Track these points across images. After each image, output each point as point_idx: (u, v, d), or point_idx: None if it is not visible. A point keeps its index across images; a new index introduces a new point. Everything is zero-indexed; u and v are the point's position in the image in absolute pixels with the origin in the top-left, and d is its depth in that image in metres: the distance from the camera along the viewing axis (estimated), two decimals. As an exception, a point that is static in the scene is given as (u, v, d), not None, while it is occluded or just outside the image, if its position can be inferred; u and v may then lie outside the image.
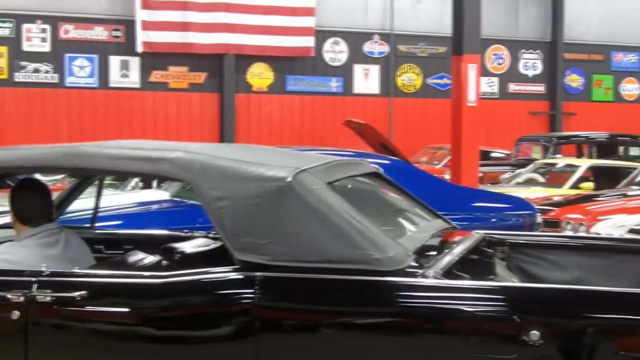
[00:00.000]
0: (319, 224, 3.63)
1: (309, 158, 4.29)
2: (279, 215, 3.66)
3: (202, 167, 3.81)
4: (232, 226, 3.70)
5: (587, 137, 19.49)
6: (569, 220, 10.73)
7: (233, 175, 3.76)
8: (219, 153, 3.96)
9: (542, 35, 25.70)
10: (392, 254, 3.60)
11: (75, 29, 20.95)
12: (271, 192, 3.68)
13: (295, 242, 3.65)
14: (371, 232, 3.65)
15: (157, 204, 9.24)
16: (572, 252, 4.94)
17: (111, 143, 4.21)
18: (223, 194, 3.72)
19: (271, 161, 3.92)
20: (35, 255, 4.17)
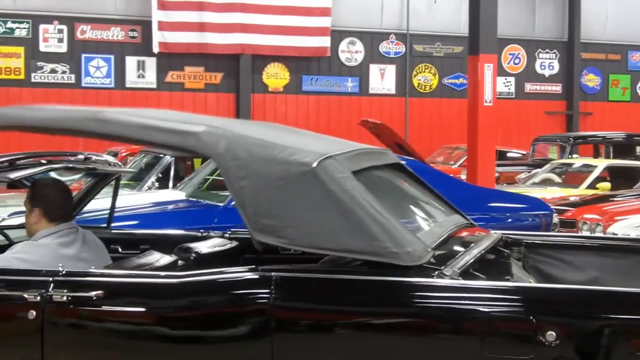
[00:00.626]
0: (339, 212, 3.61)
1: (336, 144, 4.25)
2: (301, 200, 3.64)
3: (228, 144, 3.77)
4: (254, 206, 3.68)
5: (604, 137, 19.40)
6: (585, 220, 10.69)
7: (259, 155, 3.72)
8: (246, 131, 3.91)
9: (559, 34, 25.61)
10: (411, 249, 3.58)
11: (92, 30, 21.03)
12: (295, 176, 3.66)
13: (314, 229, 3.63)
14: (391, 226, 3.63)
15: (173, 204, 9.26)
16: (589, 252, 4.92)
17: (138, 111, 4.17)
18: (247, 173, 3.69)
19: (298, 144, 3.88)
20: (51, 255, 4.19)
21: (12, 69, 20.40)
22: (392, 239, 3.57)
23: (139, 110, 4.22)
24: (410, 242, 3.62)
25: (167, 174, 12.02)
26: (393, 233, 3.59)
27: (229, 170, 3.75)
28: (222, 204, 8.95)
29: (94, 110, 4.13)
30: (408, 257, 3.56)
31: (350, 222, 3.59)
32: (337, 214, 3.61)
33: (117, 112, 4.06)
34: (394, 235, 3.59)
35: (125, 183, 11.49)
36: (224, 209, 8.85)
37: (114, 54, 21.22)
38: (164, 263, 4.43)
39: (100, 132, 3.96)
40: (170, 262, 4.48)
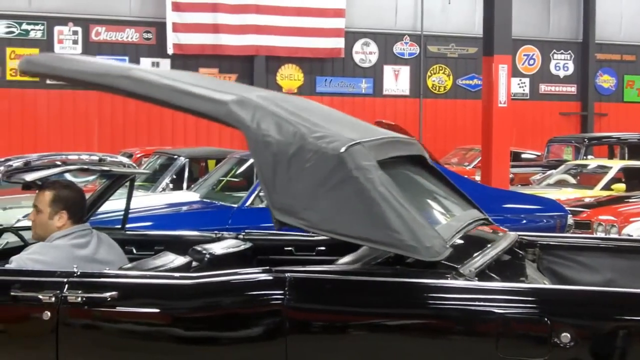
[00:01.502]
0: (361, 201, 3.60)
1: (365, 130, 4.24)
2: (325, 184, 3.63)
3: (259, 118, 3.76)
4: (277, 184, 3.67)
5: (618, 138, 19.31)
6: (600, 221, 10.65)
7: (288, 133, 3.71)
8: (279, 106, 3.88)
9: (574, 35, 25.53)
10: (430, 244, 3.58)
11: (107, 31, 21.11)
12: (321, 159, 3.64)
13: (334, 214, 3.62)
14: (412, 219, 3.62)
15: (188, 205, 9.29)
16: (604, 253, 4.90)
17: (171, 74, 4.14)
18: (273, 150, 3.68)
19: (329, 127, 3.85)
20: (66, 257, 4.21)
21: (28, 71, 20.49)
22: (411, 232, 3.57)
23: (173, 73, 4.20)
24: (429, 237, 3.61)
25: (182, 176, 12.06)
26: (412, 227, 3.58)
27: (256, 144, 3.73)
28: (236, 205, 8.96)
29: (127, 67, 4.11)
30: (426, 252, 3.56)
31: (371, 212, 3.58)
32: (359, 202, 3.60)
33: (149, 72, 4.05)
34: (413, 229, 3.58)
35: (140, 184, 11.52)
36: (238, 210, 8.87)
37: (128, 56, 21.28)
38: (178, 264, 4.44)
39: (132, 91, 3.95)
40: (184, 263, 4.49)
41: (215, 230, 5.81)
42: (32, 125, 20.31)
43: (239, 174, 10.66)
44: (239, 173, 10.62)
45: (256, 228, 6.96)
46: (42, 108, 20.51)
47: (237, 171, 10.57)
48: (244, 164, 10.46)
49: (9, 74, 20.34)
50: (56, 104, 20.61)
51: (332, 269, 3.87)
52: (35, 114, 20.45)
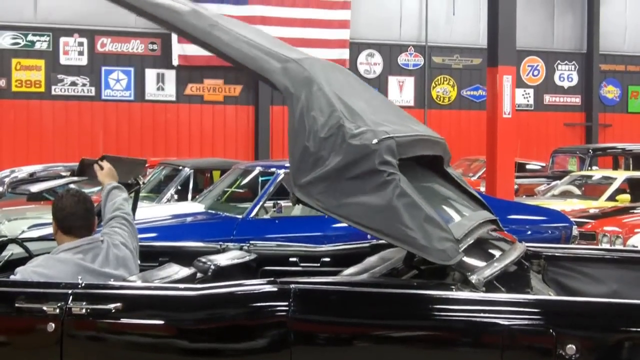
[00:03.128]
0: (381, 193, 3.63)
1: (403, 121, 4.27)
2: (349, 172, 3.66)
3: (307, 93, 3.79)
4: (303, 161, 3.70)
5: (623, 149, 19.29)
6: (605, 232, 10.64)
7: (330, 116, 3.74)
8: (328, 84, 3.90)
9: (578, 46, 25.54)
10: (442, 247, 3.60)
11: (112, 43, 21.16)
12: (352, 147, 3.67)
13: (352, 201, 3.65)
14: (428, 219, 3.65)
15: (192, 216, 9.29)
16: (609, 265, 4.90)
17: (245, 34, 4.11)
18: (310, 125, 3.72)
19: (368, 116, 3.88)
20: (71, 271, 4.17)
21: (33, 82, 20.54)
22: (424, 232, 3.60)
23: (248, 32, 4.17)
24: (442, 240, 3.63)
25: (186, 186, 12.07)
26: (426, 227, 3.61)
27: (294, 117, 3.77)
28: (241, 216, 8.97)
29: (200, 12, 4.08)
30: (438, 255, 3.59)
31: (388, 205, 3.62)
32: (379, 195, 3.63)
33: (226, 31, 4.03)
34: (427, 229, 3.61)
35: (145, 195, 11.54)
36: (242, 222, 8.88)
37: (133, 67, 21.33)
38: (182, 275, 4.44)
39: (196, 37, 4.01)
40: (189, 275, 4.49)
41: (219, 241, 5.81)
42: (38, 136, 20.35)
43: (243, 185, 10.66)
44: (243, 184, 10.63)
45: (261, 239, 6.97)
46: (48, 119, 20.56)
47: (242, 182, 10.58)
48: (249, 175, 10.46)
49: (14, 85, 20.40)
50: (61, 115, 20.66)
51: (336, 281, 3.87)
52: (41, 125, 20.49)
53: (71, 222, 4.38)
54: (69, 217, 4.37)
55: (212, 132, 21.95)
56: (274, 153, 21.90)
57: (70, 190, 4.47)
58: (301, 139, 3.71)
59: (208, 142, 21.76)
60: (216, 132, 22.00)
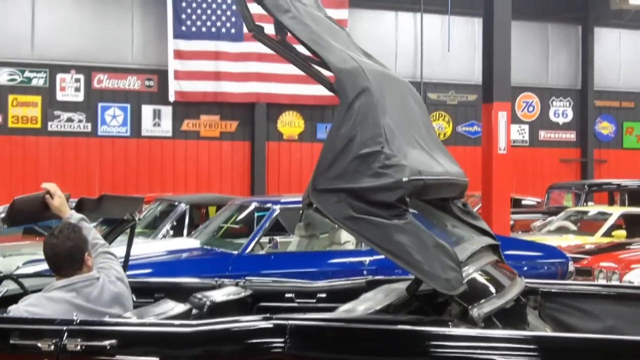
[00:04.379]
0: (398, 221, 3.67)
1: (439, 158, 4.31)
2: (372, 195, 3.68)
3: (360, 105, 3.81)
4: (330, 169, 3.73)
5: (618, 185, 19.34)
6: (601, 268, 10.63)
7: (373, 135, 3.76)
8: (388, 104, 3.94)
9: (573, 82, 25.67)
10: (448, 277, 3.63)
11: (109, 79, 21.23)
12: (384, 176, 3.70)
13: (366, 219, 3.67)
14: (439, 247, 3.68)
15: (188, 252, 9.28)
16: (606, 301, 4.89)
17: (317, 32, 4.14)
18: (351, 137, 3.74)
19: (410, 148, 3.94)
20: (63, 310, 4.13)
21: (29, 118, 20.58)
22: (432, 259, 3.63)
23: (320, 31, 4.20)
24: (448, 269, 3.65)
25: (182, 222, 12.06)
26: (435, 254, 3.65)
27: (340, 120, 3.82)
28: (237, 252, 8.95)
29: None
30: (443, 284, 3.61)
31: (400, 229, 3.65)
32: (393, 219, 3.67)
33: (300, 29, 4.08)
34: (435, 256, 3.65)
35: (141, 231, 11.52)
36: (238, 257, 8.86)
37: (130, 103, 21.38)
38: (178, 312, 4.42)
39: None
40: (184, 311, 4.47)
41: (215, 277, 5.79)
42: (33, 171, 20.34)
43: (239, 221, 10.65)
44: (239, 220, 10.62)
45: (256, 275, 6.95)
46: (44, 155, 20.57)
47: (238, 218, 10.57)
48: (245, 211, 10.46)
49: (10, 121, 20.43)
50: (58, 151, 20.68)
51: (333, 317, 3.86)
52: (37, 161, 20.50)
53: (58, 262, 4.33)
54: (55, 257, 4.33)
55: (208, 167, 21.97)
56: (269, 189, 21.91)
57: (62, 227, 4.41)
58: (337, 146, 3.75)
59: (204, 178, 21.77)
60: (212, 168, 22.02)
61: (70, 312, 4.10)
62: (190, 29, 21.19)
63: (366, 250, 9.28)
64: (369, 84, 3.87)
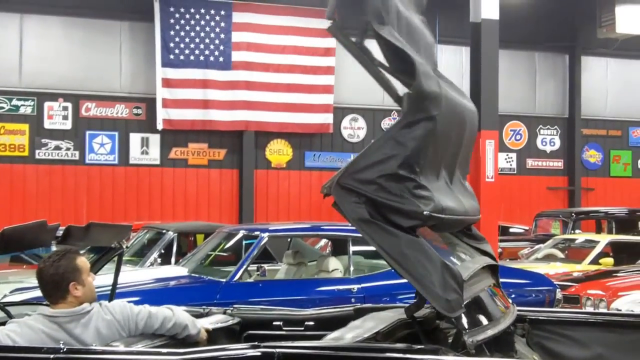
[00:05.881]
0: (410, 239, 3.70)
1: (463, 200, 4.35)
2: (390, 214, 3.70)
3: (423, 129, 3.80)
4: (364, 170, 3.74)
5: (606, 213, 19.41)
6: (589, 296, 10.64)
7: (414, 160, 3.76)
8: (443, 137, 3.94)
9: (560, 111, 25.81)
10: (450, 298, 3.64)
11: (97, 107, 21.23)
12: (408, 202, 3.72)
13: (380, 227, 3.69)
14: (446, 267, 3.68)
15: (175, 280, 9.25)
16: (593, 328, 4.89)
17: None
18: (396, 153, 3.74)
19: (442, 184, 3.99)
20: (37, 340, 4.12)
21: (17, 146, 20.54)
22: (438, 277, 3.64)
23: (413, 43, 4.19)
24: (451, 290, 3.66)
25: (170, 250, 12.02)
26: (441, 273, 3.66)
27: (390, 140, 3.80)
28: (225, 280, 8.93)
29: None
30: (444, 305, 3.63)
31: (412, 244, 3.68)
32: (406, 235, 3.68)
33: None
34: (441, 275, 3.66)
35: (128, 259, 11.48)
36: (226, 285, 8.84)
37: (118, 131, 21.38)
38: (166, 340, 4.40)
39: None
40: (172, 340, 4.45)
41: (203, 305, 5.78)
42: (21, 200, 20.28)
43: (227, 249, 10.64)
44: (227, 247, 10.60)
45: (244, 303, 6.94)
46: (31, 183, 20.51)
47: (226, 246, 10.56)
48: (233, 239, 10.44)
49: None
50: (45, 179, 20.62)
51: (321, 345, 3.85)
52: (24, 189, 20.43)
53: (43, 288, 4.33)
54: (40, 283, 4.33)
55: (196, 195, 21.95)
56: (258, 216, 21.89)
57: (52, 253, 4.41)
58: (375, 157, 3.76)
59: (192, 206, 21.74)
60: (200, 196, 21.99)
61: (45, 344, 4.06)
62: (179, 57, 21.25)
63: (354, 278, 9.27)
64: (439, 112, 3.87)
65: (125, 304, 4.55)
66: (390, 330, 4.10)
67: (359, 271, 9.50)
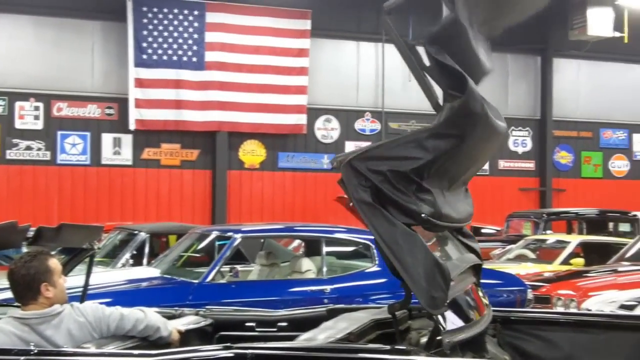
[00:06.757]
0: (408, 231, 3.71)
1: (464, 210, 4.37)
2: (391, 209, 3.73)
3: (447, 142, 3.84)
4: (373, 161, 3.75)
5: (577, 214, 19.56)
6: (560, 296, 10.71)
7: (431, 166, 3.80)
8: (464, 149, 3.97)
9: (532, 112, 25.97)
10: (436, 295, 3.65)
11: (69, 107, 21.10)
12: (410, 201, 3.75)
13: (380, 214, 3.71)
14: (438, 265, 3.70)
15: (148, 281, 9.21)
16: (564, 328, 4.94)
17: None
18: (407, 155, 3.76)
19: (449, 194, 4.03)
20: (7, 343, 4.10)
21: (-13, 146, 20.40)
22: (427, 273, 3.65)
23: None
24: (438, 289, 3.68)
25: (142, 251, 11.98)
26: (432, 270, 3.67)
27: (411, 142, 3.85)
28: (197, 281, 8.91)
29: None
30: (429, 302, 3.64)
31: (408, 236, 3.70)
32: (408, 233, 3.70)
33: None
34: (432, 272, 3.67)
35: (100, 260, 11.42)
36: (198, 286, 8.82)
37: (90, 131, 21.25)
38: (137, 342, 4.38)
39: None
40: (144, 341, 4.43)
41: (175, 306, 5.76)
42: (-9, 200, 20.13)
43: (200, 250, 10.61)
44: (200, 248, 10.58)
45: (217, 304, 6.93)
46: (2, 183, 20.34)
47: (199, 247, 10.53)
48: (205, 240, 10.42)
49: (-31, 149, 20.24)
50: (16, 179, 20.46)
51: (293, 346, 3.85)
52: (-5, 189, 20.29)
53: (15, 290, 4.32)
54: (11, 284, 4.31)
55: (168, 196, 21.87)
56: (231, 217, 21.85)
57: (24, 254, 4.40)
58: (391, 153, 3.79)
59: (165, 207, 21.65)
60: (173, 197, 21.91)
61: (16, 346, 4.05)
62: (151, 57, 21.16)
63: (327, 278, 9.28)
64: (471, 134, 3.89)
65: (97, 305, 4.53)
66: (363, 331, 4.12)
67: (332, 272, 9.51)
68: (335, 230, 10.37)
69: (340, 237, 10.14)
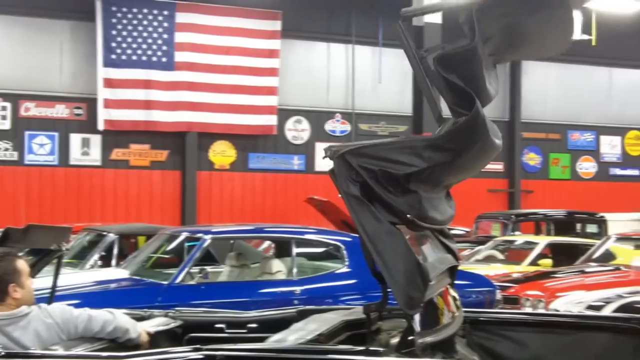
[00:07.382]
0: (392, 229, 3.73)
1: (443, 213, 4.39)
2: (377, 203, 3.74)
3: (447, 156, 3.83)
4: (367, 157, 3.75)
5: (545, 215, 19.69)
6: (528, 297, 10.79)
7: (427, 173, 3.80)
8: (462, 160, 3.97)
9: (500, 114, 26.13)
10: (414, 295, 3.66)
11: (37, 107, 20.94)
12: (396, 200, 3.76)
13: (367, 210, 3.71)
14: (419, 266, 3.70)
15: (116, 283, 9.16)
16: (532, 329, 4.97)
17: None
18: (400, 160, 3.75)
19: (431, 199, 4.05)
20: None
21: (-46, 146, 20.19)
22: (407, 274, 3.66)
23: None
24: (416, 289, 3.69)
25: (111, 252, 11.91)
26: (412, 270, 3.68)
27: (407, 148, 3.82)
28: (167, 282, 8.87)
29: None
30: (406, 301, 3.65)
31: (393, 234, 3.71)
32: (393, 231, 3.72)
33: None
34: (411, 272, 3.67)
35: (68, 261, 11.33)
36: (168, 288, 8.78)
37: (58, 132, 21.11)
38: (106, 344, 4.36)
39: None
40: (112, 343, 4.41)
41: (144, 308, 5.73)
42: (-42, 201, 19.93)
43: (169, 251, 10.56)
44: (169, 250, 10.53)
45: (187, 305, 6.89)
46: (-32, 184, 20.17)
47: (168, 248, 10.48)
48: (175, 241, 10.38)
49: None
50: (-17, 179, 20.28)
51: (263, 347, 3.85)
52: (-39, 190, 20.09)
53: None
54: None
55: (138, 197, 21.76)
56: (200, 218, 21.78)
57: None
58: (394, 154, 3.77)
59: (134, 208, 21.55)
60: (142, 197, 21.81)
61: None
62: (121, 57, 21.06)
63: (297, 280, 9.28)
64: (470, 151, 3.88)
65: (65, 307, 4.50)
66: (333, 332, 4.12)
67: (302, 273, 9.51)
68: (305, 231, 10.37)
69: (310, 238, 10.14)
